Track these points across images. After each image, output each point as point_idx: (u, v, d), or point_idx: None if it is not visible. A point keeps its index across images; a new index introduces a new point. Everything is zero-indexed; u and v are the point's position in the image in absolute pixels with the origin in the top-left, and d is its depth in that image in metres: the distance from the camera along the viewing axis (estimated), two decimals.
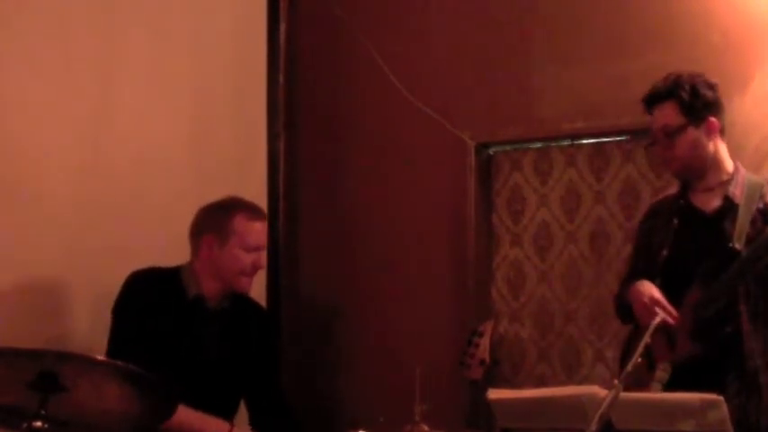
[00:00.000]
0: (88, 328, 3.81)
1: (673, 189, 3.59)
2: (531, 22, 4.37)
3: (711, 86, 3.43)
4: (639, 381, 3.04)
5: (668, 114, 3.41)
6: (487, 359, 3.66)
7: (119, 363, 2.71)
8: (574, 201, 4.32)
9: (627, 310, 3.51)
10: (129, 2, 4.17)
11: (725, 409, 2.61)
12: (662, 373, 3.13)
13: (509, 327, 4.47)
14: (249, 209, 3.75)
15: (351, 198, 4.79)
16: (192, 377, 3.52)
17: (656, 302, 3.35)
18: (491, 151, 4.55)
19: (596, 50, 4.18)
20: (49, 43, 3.84)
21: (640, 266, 3.57)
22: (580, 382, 4.09)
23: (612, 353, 4.10)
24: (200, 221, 3.74)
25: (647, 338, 2.66)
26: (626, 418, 2.64)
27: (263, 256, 3.77)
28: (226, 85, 4.60)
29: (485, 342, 3.66)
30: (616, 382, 2.55)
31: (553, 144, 4.40)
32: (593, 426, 2.48)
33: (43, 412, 2.59)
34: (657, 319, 2.66)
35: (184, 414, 3.29)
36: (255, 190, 4.64)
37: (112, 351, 3.52)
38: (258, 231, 3.73)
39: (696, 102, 3.39)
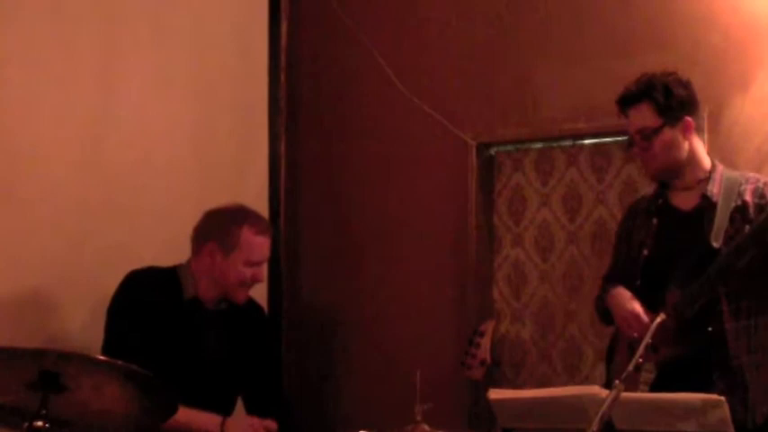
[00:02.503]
0: (89, 327, 3.80)
1: (651, 188, 3.59)
2: (533, 22, 4.37)
3: (685, 85, 3.43)
4: (625, 383, 3.06)
5: (644, 116, 3.40)
6: (488, 359, 3.66)
7: (120, 362, 2.71)
8: (575, 201, 4.32)
9: (607, 313, 3.54)
10: (131, 2, 4.17)
11: (726, 408, 2.61)
12: (647, 374, 3.13)
13: (510, 327, 4.47)
14: (257, 223, 3.73)
15: (352, 198, 4.79)
16: (188, 377, 3.50)
17: (635, 318, 3.37)
18: (492, 151, 4.55)
19: (598, 50, 4.18)
20: (50, 43, 3.84)
21: (620, 267, 3.59)
22: (581, 383, 4.08)
23: None
24: (207, 226, 3.71)
25: (648, 339, 2.66)
26: (627, 418, 2.65)
27: (263, 270, 3.76)
28: (227, 85, 4.60)
29: (486, 342, 3.65)
30: (617, 382, 2.55)
31: (554, 144, 4.40)
32: (595, 426, 2.48)
33: (44, 412, 2.59)
34: (658, 319, 2.66)
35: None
36: (256, 190, 4.64)
37: (106, 351, 3.51)
38: (263, 246, 3.71)
39: (671, 101, 3.38)
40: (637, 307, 3.39)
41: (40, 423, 2.58)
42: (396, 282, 4.62)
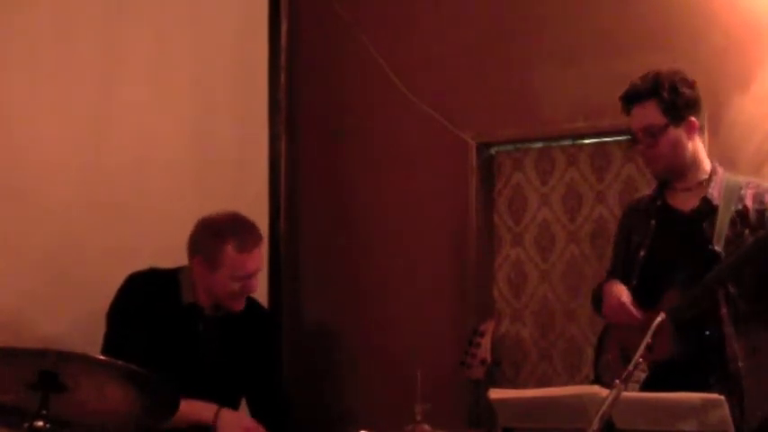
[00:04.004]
0: (89, 328, 3.80)
1: (649, 189, 3.59)
2: (533, 22, 4.37)
3: (691, 85, 3.43)
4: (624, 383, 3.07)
5: (650, 114, 3.39)
6: (489, 359, 3.66)
7: (120, 362, 2.71)
8: (575, 200, 4.32)
9: (601, 303, 3.56)
10: (131, 2, 4.17)
11: (726, 408, 2.61)
12: (639, 372, 3.13)
13: (510, 326, 4.46)
14: (242, 238, 3.59)
15: (352, 198, 4.79)
16: (186, 381, 3.44)
17: (621, 305, 3.40)
18: (492, 151, 4.55)
19: (598, 50, 4.18)
20: (50, 44, 3.84)
21: (619, 266, 3.59)
22: (581, 382, 4.08)
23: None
24: (195, 239, 3.65)
25: (648, 338, 2.65)
26: (627, 417, 2.65)
27: (254, 282, 3.66)
28: (227, 85, 4.60)
29: (486, 342, 3.65)
30: (617, 381, 2.54)
31: (554, 144, 4.40)
32: (595, 425, 2.48)
33: (44, 412, 2.59)
34: (658, 319, 2.66)
35: None
36: (256, 190, 4.65)
37: (105, 354, 3.49)
38: (248, 262, 3.60)
39: (677, 101, 3.38)
40: (625, 297, 3.41)
41: (40, 423, 2.58)
42: (396, 281, 4.62)
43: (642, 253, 3.47)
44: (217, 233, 3.59)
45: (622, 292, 3.43)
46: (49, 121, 3.84)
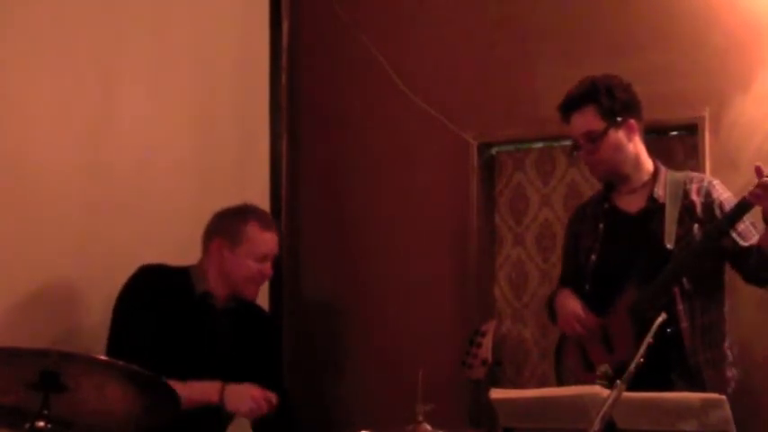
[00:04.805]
0: (91, 328, 3.80)
1: (593, 192, 3.63)
2: (534, 22, 4.37)
3: (626, 88, 3.48)
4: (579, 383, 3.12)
5: (588, 119, 3.46)
6: (490, 359, 3.65)
7: (121, 363, 2.71)
8: (576, 201, 4.31)
9: (554, 313, 3.63)
10: (131, 2, 4.17)
11: (727, 408, 2.62)
12: (605, 372, 3.12)
13: (511, 326, 4.47)
14: (263, 218, 3.80)
15: (353, 198, 4.79)
16: (193, 373, 3.50)
17: (575, 317, 3.47)
18: (494, 151, 4.55)
19: (599, 50, 4.18)
20: (50, 44, 3.84)
21: (570, 271, 3.62)
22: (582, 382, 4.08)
23: None
24: (214, 224, 3.77)
25: (649, 338, 2.65)
26: (628, 417, 2.65)
27: (270, 267, 3.78)
28: (228, 85, 4.60)
29: (487, 342, 3.65)
30: (618, 381, 2.55)
31: (555, 144, 4.41)
32: (596, 425, 2.48)
33: (45, 412, 2.59)
34: (659, 319, 2.66)
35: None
36: (258, 190, 4.64)
37: (111, 341, 3.55)
38: (269, 241, 3.75)
39: (614, 104, 3.44)
40: (577, 307, 3.47)
41: (41, 423, 2.58)
42: (397, 281, 4.62)
43: (593, 257, 3.50)
44: (238, 213, 3.75)
45: (575, 305, 3.49)
46: (49, 121, 3.84)
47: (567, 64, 4.24)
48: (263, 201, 4.60)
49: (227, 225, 3.73)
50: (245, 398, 3.57)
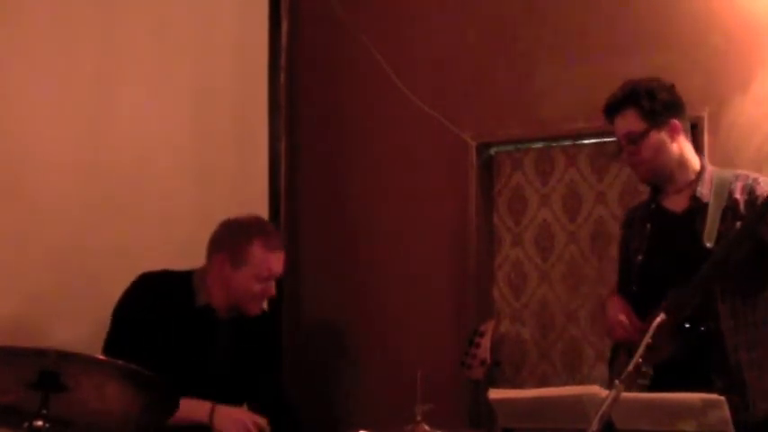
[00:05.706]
0: (89, 327, 3.80)
1: (645, 195, 3.62)
2: (533, 22, 4.37)
3: (668, 89, 3.47)
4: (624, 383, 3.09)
5: (630, 122, 3.45)
6: (489, 359, 3.66)
7: (120, 363, 2.71)
8: (575, 201, 4.32)
9: None
10: (131, 2, 4.17)
11: (726, 408, 2.62)
12: (643, 380, 3.12)
13: (510, 327, 4.47)
14: (269, 237, 3.66)
15: (352, 199, 4.79)
16: (191, 384, 3.45)
17: (617, 322, 3.45)
18: (492, 151, 4.55)
19: (598, 50, 4.18)
20: (49, 43, 3.84)
21: (623, 276, 3.62)
22: (581, 382, 4.09)
23: None
24: (220, 237, 3.66)
25: (648, 339, 2.65)
26: (627, 418, 2.65)
27: (274, 285, 3.68)
28: (227, 86, 4.60)
29: (486, 342, 3.65)
30: (617, 381, 2.55)
31: (554, 144, 4.41)
32: (595, 426, 2.47)
33: (44, 412, 2.59)
34: (657, 320, 2.66)
35: None
36: (256, 190, 4.64)
37: (106, 348, 3.50)
38: (273, 263, 3.64)
39: (655, 105, 3.43)
40: (621, 315, 3.45)
41: (40, 423, 2.58)
42: (396, 282, 4.62)
43: (640, 258, 3.50)
44: (244, 231, 3.63)
45: (617, 310, 3.47)
46: (49, 121, 3.84)
47: (566, 64, 4.25)
48: (261, 200, 4.60)
49: (231, 242, 3.61)
50: (234, 421, 3.54)
